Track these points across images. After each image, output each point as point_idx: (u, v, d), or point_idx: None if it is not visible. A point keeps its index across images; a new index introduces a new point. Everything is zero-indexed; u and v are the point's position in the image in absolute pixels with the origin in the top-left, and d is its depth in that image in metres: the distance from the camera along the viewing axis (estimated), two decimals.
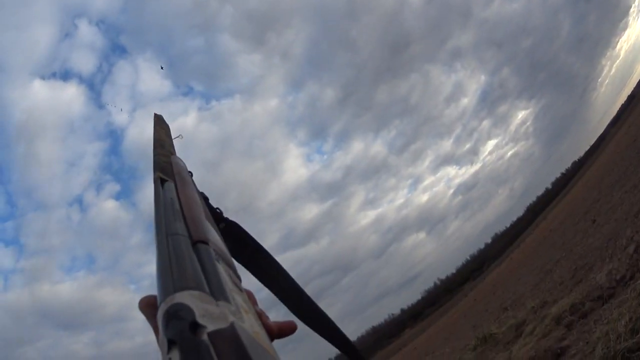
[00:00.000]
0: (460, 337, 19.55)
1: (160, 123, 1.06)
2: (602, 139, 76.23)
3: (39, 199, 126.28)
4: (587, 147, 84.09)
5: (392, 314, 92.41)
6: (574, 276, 9.47)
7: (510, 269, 38.14)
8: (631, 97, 76.40)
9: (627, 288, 5.99)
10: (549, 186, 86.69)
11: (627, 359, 4.35)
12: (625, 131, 38.07)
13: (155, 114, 1.11)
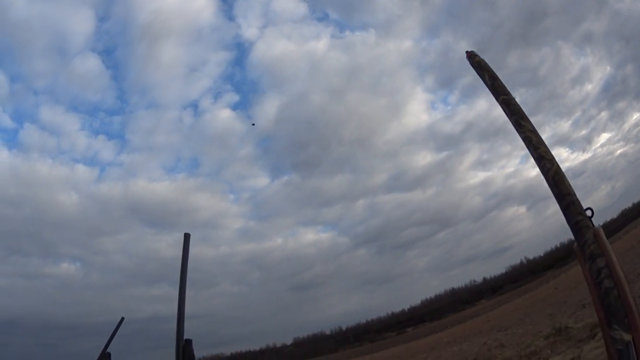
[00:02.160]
0: (535, 321, 19.28)
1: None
2: None
3: (153, 99, 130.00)
4: None
5: (474, 281, 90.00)
6: None
7: None
8: None
9: None
10: None
11: None
12: None
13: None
